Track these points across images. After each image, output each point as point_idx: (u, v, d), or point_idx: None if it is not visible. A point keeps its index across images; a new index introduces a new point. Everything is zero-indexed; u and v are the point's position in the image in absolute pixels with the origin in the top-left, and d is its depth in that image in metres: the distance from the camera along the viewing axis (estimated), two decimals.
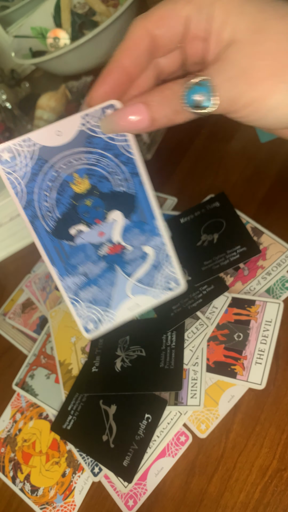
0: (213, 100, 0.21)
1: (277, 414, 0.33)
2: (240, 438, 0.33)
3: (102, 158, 0.27)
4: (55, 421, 0.38)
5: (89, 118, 0.26)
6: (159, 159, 0.59)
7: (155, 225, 0.30)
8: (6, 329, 0.50)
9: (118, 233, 0.30)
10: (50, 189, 0.27)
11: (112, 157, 0.27)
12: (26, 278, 0.54)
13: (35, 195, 0.27)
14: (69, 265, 0.30)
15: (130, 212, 0.29)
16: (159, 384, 0.36)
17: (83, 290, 0.31)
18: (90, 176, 0.28)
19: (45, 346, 0.45)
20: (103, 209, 0.29)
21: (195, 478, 0.33)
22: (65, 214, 0.28)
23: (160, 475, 0.34)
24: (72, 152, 0.27)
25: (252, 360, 0.35)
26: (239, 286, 0.40)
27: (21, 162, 0.26)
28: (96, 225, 0.29)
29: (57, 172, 0.27)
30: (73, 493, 0.35)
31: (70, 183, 0.28)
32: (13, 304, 0.52)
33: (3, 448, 0.40)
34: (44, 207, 0.28)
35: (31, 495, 0.37)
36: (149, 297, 0.32)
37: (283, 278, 0.39)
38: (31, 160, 0.26)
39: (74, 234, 0.29)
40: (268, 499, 0.30)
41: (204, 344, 0.37)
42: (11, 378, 0.45)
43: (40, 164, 0.26)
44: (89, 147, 0.27)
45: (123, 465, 0.34)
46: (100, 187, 0.28)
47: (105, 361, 0.39)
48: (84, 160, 0.27)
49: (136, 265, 0.31)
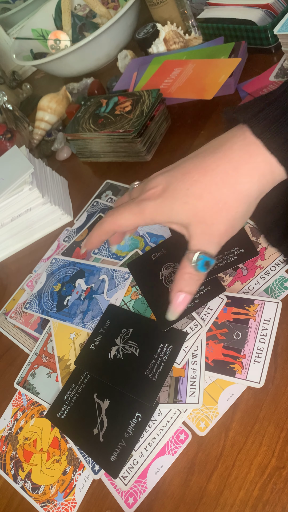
0: (213, 260, 0.32)
1: (276, 412, 0.33)
2: (239, 436, 0.33)
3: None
4: (50, 409, 0.39)
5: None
6: (159, 159, 0.60)
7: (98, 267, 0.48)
8: (7, 328, 0.51)
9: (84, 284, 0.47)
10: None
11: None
12: (28, 278, 0.55)
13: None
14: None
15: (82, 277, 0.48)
16: (136, 390, 0.36)
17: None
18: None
19: (46, 345, 0.45)
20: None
21: (194, 476, 0.33)
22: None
23: (160, 473, 0.34)
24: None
25: (251, 358, 0.35)
26: (238, 285, 0.40)
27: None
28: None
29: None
30: (74, 491, 0.36)
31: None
32: (14, 304, 0.52)
33: (4, 446, 0.41)
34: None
35: (32, 493, 0.37)
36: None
37: (282, 278, 0.39)
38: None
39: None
40: (267, 497, 0.30)
41: (199, 344, 0.37)
42: (12, 377, 0.45)
43: None
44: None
45: (110, 460, 0.34)
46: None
47: (104, 343, 0.40)
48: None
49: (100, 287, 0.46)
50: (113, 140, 0.60)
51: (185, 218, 0.32)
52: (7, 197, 0.53)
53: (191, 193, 0.31)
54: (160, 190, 0.33)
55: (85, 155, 0.67)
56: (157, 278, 0.42)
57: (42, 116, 0.78)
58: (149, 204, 0.33)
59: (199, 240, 0.32)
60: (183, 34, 0.76)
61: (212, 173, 0.30)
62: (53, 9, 0.96)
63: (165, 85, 0.64)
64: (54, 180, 0.63)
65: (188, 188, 0.31)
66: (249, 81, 0.60)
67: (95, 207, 0.58)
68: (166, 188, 0.32)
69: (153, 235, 0.48)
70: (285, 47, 0.56)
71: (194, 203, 0.31)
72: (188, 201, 0.31)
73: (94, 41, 0.79)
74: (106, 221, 0.36)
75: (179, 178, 0.32)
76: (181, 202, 0.31)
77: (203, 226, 0.31)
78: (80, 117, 0.65)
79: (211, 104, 0.60)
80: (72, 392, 0.39)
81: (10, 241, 0.59)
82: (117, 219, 0.35)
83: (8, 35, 1.09)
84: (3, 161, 0.59)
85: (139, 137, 0.57)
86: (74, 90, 0.84)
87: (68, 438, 0.37)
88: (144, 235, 0.48)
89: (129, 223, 0.34)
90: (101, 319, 0.42)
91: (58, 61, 0.82)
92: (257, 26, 0.62)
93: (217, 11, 0.68)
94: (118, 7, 0.95)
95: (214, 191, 0.30)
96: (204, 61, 0.63)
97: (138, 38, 0.79)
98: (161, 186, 0.33)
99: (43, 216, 0.57)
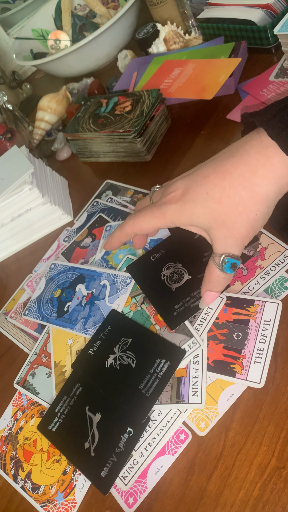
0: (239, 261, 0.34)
1: (276, 413, 0.33)
2: (239, 436, 0.33)
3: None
4: (42, 422, 0.39)
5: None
6: (159, 159, 0.60)
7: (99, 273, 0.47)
8: (7, 328, 0.51)
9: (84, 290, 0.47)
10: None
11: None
12: (28, 278, 0.55)
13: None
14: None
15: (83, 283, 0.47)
16: (128, 404, 0.36)
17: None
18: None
19: (46, 345, 0.45)
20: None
21: (194, 476, 0.33)
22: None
23: (160, 473, 0.34)
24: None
25: (251, 359, 0.35)
26: (238, 285, 0.40)
27: None
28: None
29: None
30: (74, 491, 0.36)
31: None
32: (14, 304, 0.52)
33: (4, 446, 0.41)
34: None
35: (32, 493, 0.37)
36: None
37: (282, 278, 0.39)
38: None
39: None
40: (267, 497, 0.30)
41: (201, 346, 0.37)
42: (12, 377, 0.45)
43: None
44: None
45: (101, 475, 0.34)
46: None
47: (102, 350, 0.40)
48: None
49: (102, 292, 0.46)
50: (113, 140, 0.60)
51: (206, 222, 0.32)
52: (7, 197, 0.53)
53: (211, 197, 0.31)
54: (180, 194, 0.33)
55: (85, 155, 0.67)
56: (159, 278, 0.42)
57: (42, 116, 0.78)
58: (170, 208, 0.34)
59: (223, 244, 0.32)
60: (183, 34, 0.76)
61: (230, 177, 0.31)
62: (53, 9, 0.96)
63: (165, 85, 0.64)
64: (54, 180, 0.63)
65: (207, 192, 0.32)
66: (249, 81, 0.60)
67: (95, 207, 0.58)
68: (185, 192, 0.33)
69: (151, 239, 0.47)
70: (285, 47, 0.56)
71: (214, 208, 0.31)
72: (208, 205, 0.32)
73: (94, 41, 0.79)
74: (128, 224, 0.37)
75: (198, 182, 0.33)
76: (202, 206, 0.32)
77: (224, 230, 0.32)
78: (80, 117, 0.65)
79: (211, 104, 0.60)
80: (64, 404, 0.38)
81: (10, 241, 0.59)
82: (138, 222, 0.36)
83: (8, 35, 1.09)
84: (3, 161, 0.59)
85: (139, 137, 0.57)
86: (74, 90, 0.84)
87: (60, 452, 0.37)
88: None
89: (150, 226, 0.36)
90: (102, 324, 0.42)
91: (58, 61, 0.82)
92: (257, 26, 0.62)
93: (217, 11, 0.68)
94: (118, 7, 0.95)
95: (233, 195, 0.31)
96: (204, 61, 0.63)
97: (138, 38, 0.79)
98: (181, 190, 0.34)
99: (43, 216, 0.57)
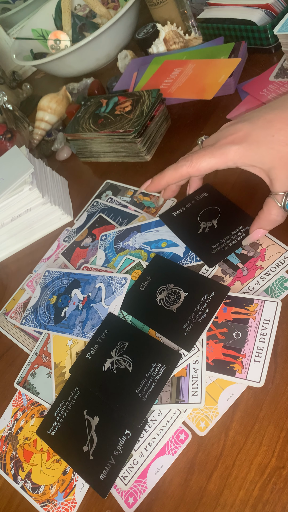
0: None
1: (276, 412, 0.33)
2: (239, 436, 0.33)
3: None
4: (41, 426, 0.39)
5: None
6: (159, 159, 0.60)
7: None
8: (7, 328, 0.51)
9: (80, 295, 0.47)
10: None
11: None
12: (28, 278, 0.55)
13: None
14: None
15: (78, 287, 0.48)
16: (125, 408, 0.36)
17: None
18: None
19: (46, 345, 0.45)
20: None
21: (194, 476, 0.33)
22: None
23: (160, 473, 0.34)
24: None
25: (251, 358, 0.35)
26: (238, 285, 0.40)
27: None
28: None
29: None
30: (74, 491, 0.36)
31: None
32: (14, 304, 0.52)
33: (4, 446, 0.41)
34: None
35: (32, 492, 0.37)
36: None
37: (282, 278, 0.39)
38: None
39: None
40: (267, 497, 0.30)
41: (200, 344, 0.37)
42: (12, 377, 0.45)
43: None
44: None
45: (100, 478, 0.34)
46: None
47: (99, 354, 0.40)
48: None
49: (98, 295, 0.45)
50: (113, 140, 0.60)
51: (269, 162, 0.34)
52: (7, 197, 0.53)
53: (276, 140, 0.34)
54: (242, 135, 0.35)
55: (85, 155, 0.67)
56: (155, 303, 0.41)
57: (42, 116, 0.78)
58: (232, 148, 0.35)
59: (285, 183, 0.35)
60: (183, 34, 0.76)
61: None
62: (53, 9, 0.97)
63: (165, 85, 0.64)
64: (54, 180, 0.63)
65: (273, 135, 0.34)
66: (249, 81, 0.60)
67: (95, 207, 0.58)
68: (249, 133, 0.35)
69: (151, 242, 0.47)
70: (285, 47, 0.56)
71: (280, 149, 0.34)
72: (273, 147, 0.34)
73: (94, 41, 0.79)
74: (184, 165, 0.37)
75: (262, 126, 0.35)
76: (266, 147, 0.34)
77: (287, 170, 0.34)
78: (80, 117, 0.65)
79: (211, 104, 0.60)
80: (62, 408, 0.38)
81: (10, 241, 0.59)
82: (197, 162, 0.37)
83: (8, 35, 1.09)
84: (3, 161, 0.59)
85: (139, 137, 0.57)
86: (74, 90, 0.84)
87: (59, 456, 0.37)
88: (142, 246, 0.48)
89: (209, 167, 0.36)
90: (99, 328, 0.42)
91: (58, 61, 0.82)
92: (257, 26, 0.62)
93: (217, 11, 0.68)
94: (118, 7, 0.95)
95: None
96: (204, 61, 0.63)
97: (138, 38, 0.79)
98: (243, 132, 0.35)
99: (43, 216, 0.57)
